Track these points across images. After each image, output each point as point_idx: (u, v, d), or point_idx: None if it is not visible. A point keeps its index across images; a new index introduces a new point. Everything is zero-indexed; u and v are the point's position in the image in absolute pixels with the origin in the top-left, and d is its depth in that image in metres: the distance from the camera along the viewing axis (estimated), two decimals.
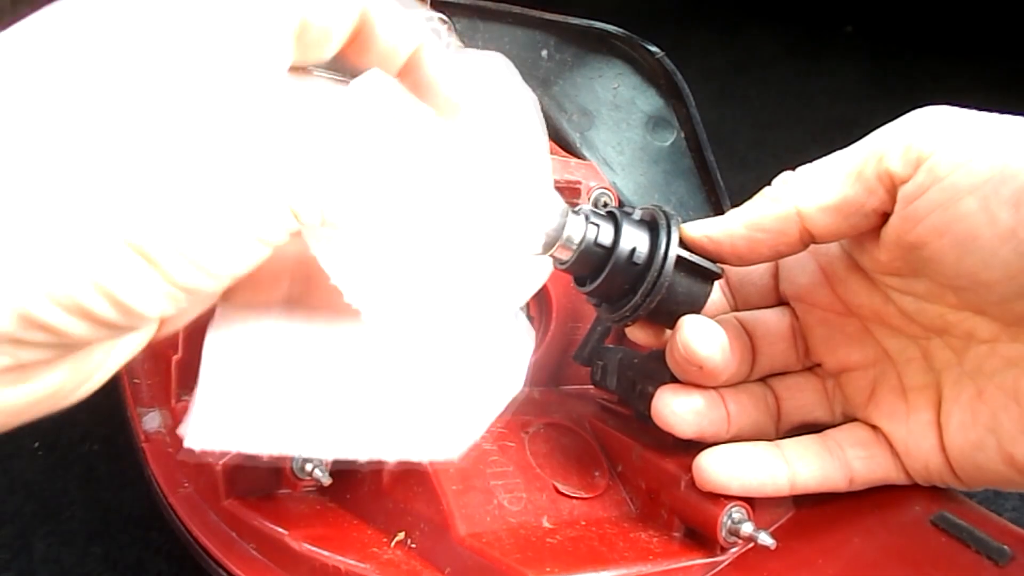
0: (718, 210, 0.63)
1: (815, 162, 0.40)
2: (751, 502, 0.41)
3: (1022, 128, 0.35)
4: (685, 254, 0.41)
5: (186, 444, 0.31)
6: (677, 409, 0.42)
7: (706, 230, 0.41)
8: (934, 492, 0.43)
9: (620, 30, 0.62)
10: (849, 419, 0.45)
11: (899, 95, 1.21)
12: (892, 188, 0.37)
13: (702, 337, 0.40)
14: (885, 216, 0.38)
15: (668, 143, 0.64)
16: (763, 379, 0.46)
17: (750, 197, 0.42)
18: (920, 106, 0.38)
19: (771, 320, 0.46)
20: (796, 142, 1.18)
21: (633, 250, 0.40)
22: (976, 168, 0.34)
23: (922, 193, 0.36)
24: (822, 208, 0.38)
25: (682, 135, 0.64)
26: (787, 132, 1.20)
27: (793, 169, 0.41)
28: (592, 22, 0.62)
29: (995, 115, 0.36)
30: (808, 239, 0.40)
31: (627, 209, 0.42)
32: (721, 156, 0.64)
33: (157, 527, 0.62)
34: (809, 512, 0.44)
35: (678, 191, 0.64)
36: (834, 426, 0.44)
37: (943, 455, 0.41)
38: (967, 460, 0.40)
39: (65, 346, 0.27)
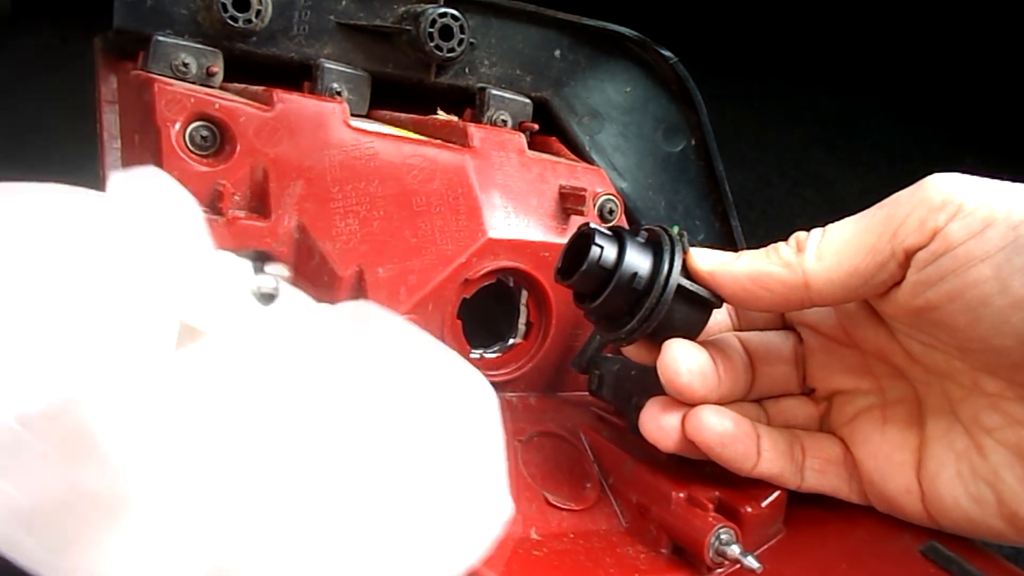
0: (723, 220, 0.63)
1: (829, 228, 0.39)
2: (740, 524, 0.41)
3: None
4: (686, 283, 0.41)
5: None
6: (663, 424, 0.42)
7: (711, 267, 0.41)
8: None
9: (635, 33, 0.62)
10: (827, 431, 0.45)
11: (899, 95, 1.20)
12: (905, 262, 0.37)
13: (682, 362, 0.40)
14: (895, 285, 0.38)
15: (678, 150, 0.63)
16: (759, 400, 0.45)
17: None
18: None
19: (773, 343, 0.45)
20: (796, 142, 1.17)
21: (634, 275, 0.40)
22: (990, 237, 0.35)
23: (935, 259, 0.36)
24: (831, 281, 0.38)
25: (692, 142, 0.63)
26: (787, 132, 1.19)
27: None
28: (606, 24, 0.62)
29: (1008, 183, 0.36)
30: (810, 304, 0.40)
31: (633, 229, 0.42)
32: (721, 156, 0.63)
33: None
34: (798, 536, 0.44)
35: (685, 199, 0.63)
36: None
37: (919, 497, 0.41)
38: (957, 511, 0.40)
39: None
